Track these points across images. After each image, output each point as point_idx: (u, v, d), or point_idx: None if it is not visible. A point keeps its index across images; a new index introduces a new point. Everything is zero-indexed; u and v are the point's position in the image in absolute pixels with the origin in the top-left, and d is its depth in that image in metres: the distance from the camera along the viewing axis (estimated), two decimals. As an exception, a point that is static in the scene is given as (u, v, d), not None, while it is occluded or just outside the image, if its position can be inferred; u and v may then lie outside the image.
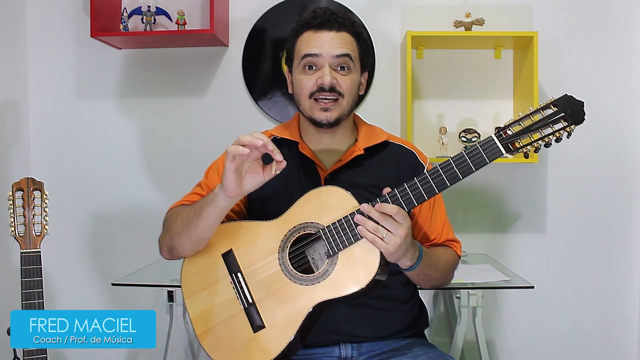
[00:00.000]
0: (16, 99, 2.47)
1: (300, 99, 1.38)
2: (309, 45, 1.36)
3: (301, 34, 1.38)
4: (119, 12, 2.42)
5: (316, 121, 1.37)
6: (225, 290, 1.30)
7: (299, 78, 1.38)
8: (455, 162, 1.16)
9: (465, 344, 2.12)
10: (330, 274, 1.23)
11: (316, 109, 1.35)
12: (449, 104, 2.49)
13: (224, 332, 1.30)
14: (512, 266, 2.29)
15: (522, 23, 2.45)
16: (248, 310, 1.28)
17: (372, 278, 1.20)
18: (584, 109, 1.10)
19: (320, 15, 1.36)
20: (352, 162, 1.40)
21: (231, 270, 1.30)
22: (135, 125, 2.54)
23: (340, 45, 1.35)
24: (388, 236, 1.17)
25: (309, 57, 1.35)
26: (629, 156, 2.48)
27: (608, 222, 2.49)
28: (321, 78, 1.34)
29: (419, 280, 1.37)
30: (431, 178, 1.18)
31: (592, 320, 2.51)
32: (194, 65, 2.51)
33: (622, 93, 2.46)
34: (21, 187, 1.63)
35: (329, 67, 1.34)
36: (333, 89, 1.34)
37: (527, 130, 1.12)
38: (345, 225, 1.22)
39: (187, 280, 1.35)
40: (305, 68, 1.37)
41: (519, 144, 1.13)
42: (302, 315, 1.23)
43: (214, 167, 1.46)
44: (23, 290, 1.58)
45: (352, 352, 1.36)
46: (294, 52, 1.40)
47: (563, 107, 1.10)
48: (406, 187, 1.19)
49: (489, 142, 1.14)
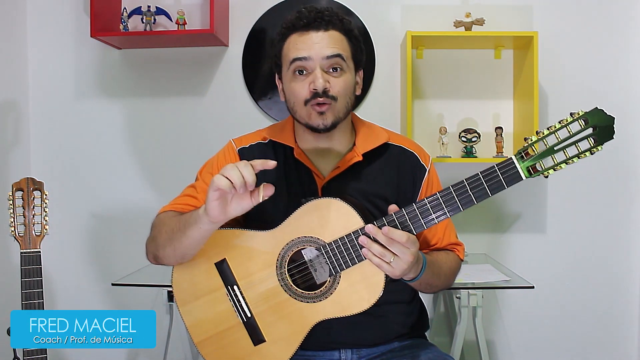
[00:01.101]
0: (16, 99, 2.47)
1: (295, 107, 1.30)
2: (296, 49, 1.27)
3: (287, 37, 1.30)
4: (119, 12, 2.42)
5: (313, 127, 1.29)
6: (221, 301, 1.27)
7: (291, 86, 1.30)
8: (470, 184, 1.10)
9: (465, 344, 2.12)
10: (333, 293, 1.20)
11: (312, 114, 1.28)
12: (449, 104, 2.49)
13: (223, 342, 1.28)
14: (512, 266, 2.29)
15: (522, 23, 2.45)
16: (248, 324, 1.26)
17: (377, 299, 1.18)
18: (614, 127, 1.01)
19: (305, 15, 1.28)
20: (351, 169, 1.33)
21: (226, 281, 1.26)
22: (135, 125, 2.54)
23: (330, 45, 1.27)
24: (395, 261, 1.12)
25: (298, 61, 1.27)
26: (629, 156, 2.48)
27: (608, 222, 2.49)
28: (313, 83, 1.26)
29: (421, 288, 1.34)
30: (443, 200, 1.11)
31: (592, 320, 2.51)
32: (194, 65, 2.51)
33: (622, 93, 2.46)
34: (21, 187, 1.63)
35: (320, 70, 1.26)
36: (326, 93, 1.26)
37: (550, 152, 1.02)
38: (348, 245, 1.17)
39: (178, 288, 1.30)
40: (295, 74, 1.28)
41: (541, 167, 1.04)
42: (305, 331, 1.22)
43: (207, 167, 1.41)
44: (23, 290, 1.58)
45: (352, 356, 1.35)
46: (282, 57, 1.32)
47: (593, 123, 1.01)
48: (415, 209, 1.13)
49: (508, 165, 1.06)
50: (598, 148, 1.01)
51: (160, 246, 1.27)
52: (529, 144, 1.05)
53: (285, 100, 1.35)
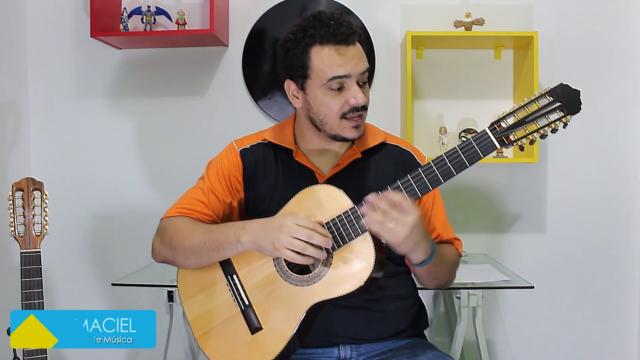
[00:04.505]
0: (16, 99, 2.46)
1: (327, 119, 1.31)
2: (335, 65, 1.26)
3: (312, 47, 1.28)
4: (119, 12, 2.42)
5: (344, 138, 1.33)
6: (221, 292, 1.30)
7: (325, 100, 1.30)
8: (448, 157, 1.15)
9: (465, 344, 2.12)
10: (326, 275, 1.22)
11: (347, 127, 1.31)
12: (449, 104, 2.49)
13: (222, 334, 1.30)
14: (512, 266, 2.28)
15: (522, 23, 2.45)
16: (245, 312, 1.28)
17: (367, 277, 1.18)
18: (580, 98, 1.09)
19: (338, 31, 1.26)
20: (350, 166, 1.38)
21: (227, 272, 1.31)
22: (135, 125, 2.54)
23: (363, 59, 1.30)
24: (396, 227, 1.14)
25: (339, 79, 1.27)
26: (629, 156, 2.47)
27: (608, 222, 2.49)
28: (354, 99, 1.28)
29: (427, 279, 1.35)
30: (425, 175, 1.16)
31: (592, 320, 2.51)
32: (194, 65, 2.51)
33: (622, 93, 2.46)
34: (21, 187, 1.63)
35: (357, 86, 1.29)
36: (364, 106, 1.31)
37: (522, 123, 1.11)
38: (339, 225, 1.20)
39: (183, 282, 1.36)
40: (331, 89, 1.29)
41: (514, 137, 1.12)
42: (299, 317, 1.23)
43: (211, 168, 1.42)
44: (23, 290, 1.57)
45: (352, 353, 1.35)
46: (311, 69, 1.29)
47: (559, 96, 1.09)
48: (399, 185, 1.18)
49: (482, 136, 1.13)
50: (568, 118, 1.09)
51: (180, 255, 1.32)
52: (500, 117, 1.12)
53: (308, 109, 1.34)
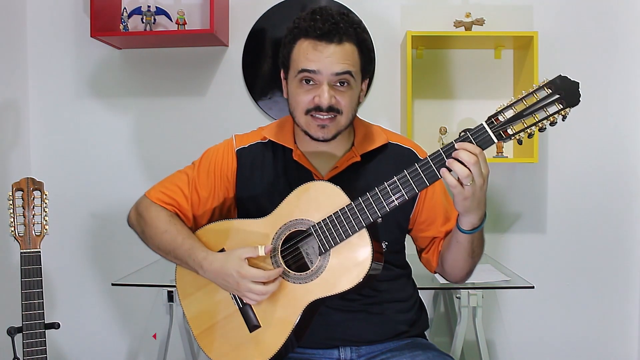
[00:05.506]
0: (16, 99, 2.47)
1: (295, 112, 1.30)
2: (306, 59, 1.24)
3: (298, 39, 1.26)
4: (119, 12, 2.42)
5: (312, 137, 1.30)
6: (219, 290, 1.30)
7: (295, 91, 1.28)
8: (445, 152, 1.12)
9: (465, 344, 2.12)
10: (323, 272, 1.21)
11: (312, 125, 1.27)
12: (449, 104, 2.49)
13: (220, 332, 1.30)
14: (512, 266, 2.28)
15: (522, 23, 2.45)
16: (243, 311, 1.28)
17: (365, 274, 1.18)
18: (579, 90, 1.06)
19: (319, 24, 1.23)
20: (349, 169, 1.35)
21: None
22: (135, 125, 2.54)
23: (341, 62, 1.23)
24: (472, 184, 1.11)
25: (306, 72, 1.24)
26: (629, 156, 2.47)
27: (608, 222, 2.49)
28: (318, 97, 1.24)
29: (464, 256, 1.31)
30: (421, 170, 1.14)
31: (592, 320, 2.51)
32: (194, 65, 2.51)
33: (622, 92, 2.45)
34: (21, 187, 1.63)
35: (327, 86, 1.24)
36: (331, 108, 1.25)
37: (520, 116, 1.08)
38: (336, 222, 1.19)
39: (182, 281, 1.36)
40: (302, 82, 1.26)
41: (512, 131, 1.09)
42: (297, 314, 1.22)
43: (204, 161, 1.41)
44: (23, 290, 1.57)
45: (352, 354, 1.35)
46: (290, 60, 1.29)
47: (557, 88, 1.06)
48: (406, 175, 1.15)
49: (479, 130, 1.10)
50: (566, 111, 1.06)
51: (149, 244, 1.39)
52: (497, 110, 1.10)
53: (287, 99, 1.35)
